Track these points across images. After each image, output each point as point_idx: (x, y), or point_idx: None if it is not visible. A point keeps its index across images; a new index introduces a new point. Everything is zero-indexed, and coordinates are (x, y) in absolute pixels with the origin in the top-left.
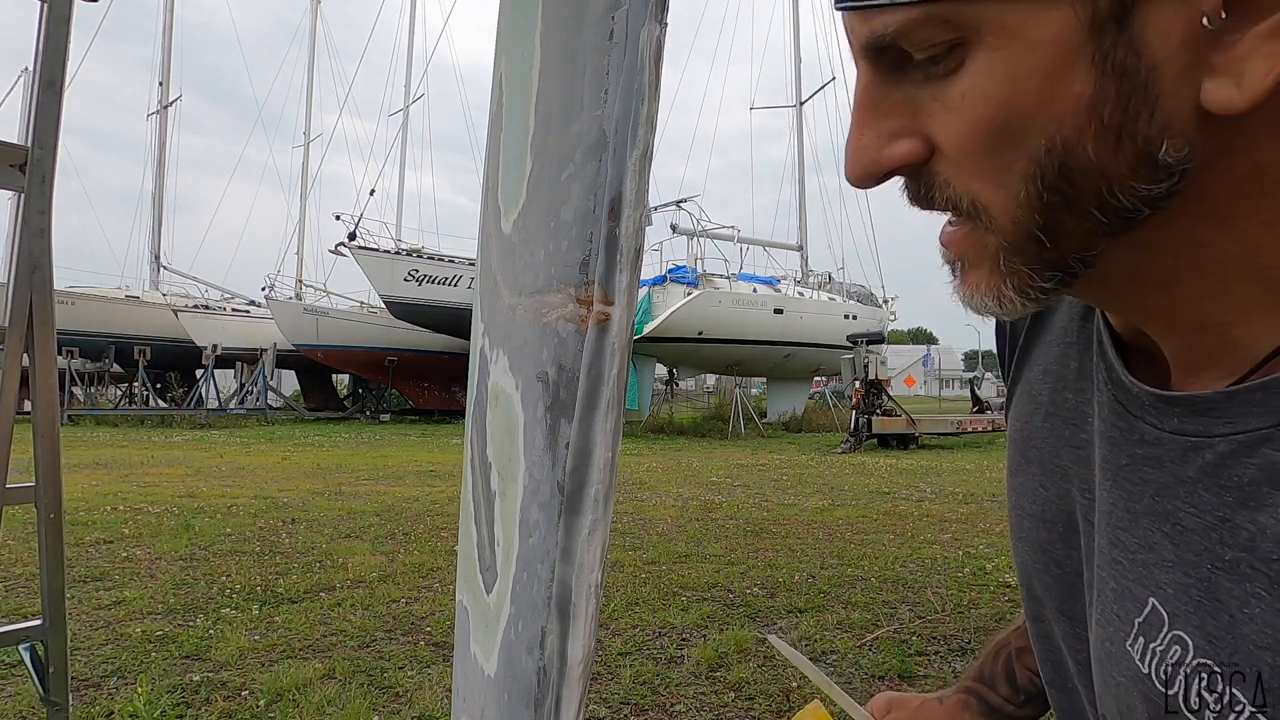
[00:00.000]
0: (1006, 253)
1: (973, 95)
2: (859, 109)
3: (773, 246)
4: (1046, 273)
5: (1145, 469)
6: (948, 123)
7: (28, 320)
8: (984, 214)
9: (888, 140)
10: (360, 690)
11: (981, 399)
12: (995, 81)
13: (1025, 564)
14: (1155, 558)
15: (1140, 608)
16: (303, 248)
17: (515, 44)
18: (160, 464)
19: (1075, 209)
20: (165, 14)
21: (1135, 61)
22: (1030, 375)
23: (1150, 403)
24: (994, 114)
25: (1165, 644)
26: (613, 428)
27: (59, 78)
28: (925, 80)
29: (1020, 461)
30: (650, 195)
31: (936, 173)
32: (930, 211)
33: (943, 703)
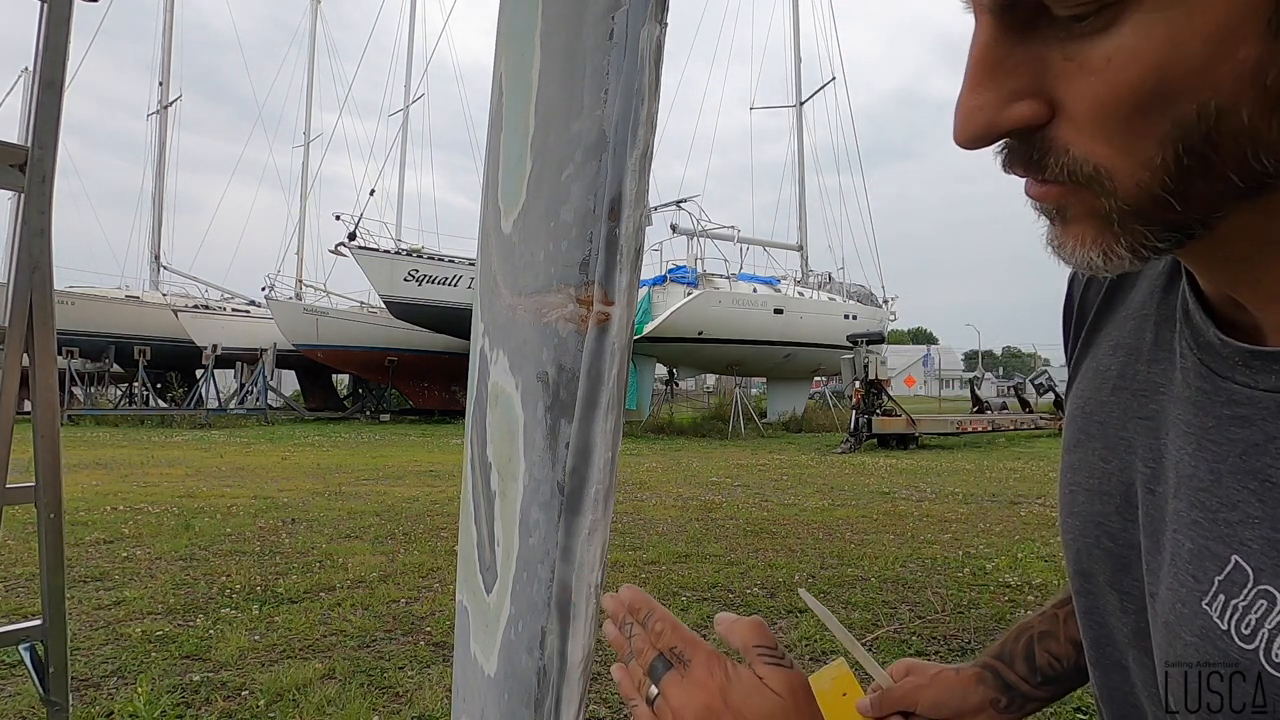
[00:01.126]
0: (1123, 215)
1: (1122, 58)
2: (977, 66)
3: (773, 246)
4: (1165, 233)
5: (1233, 428)
6: (1085, 85)
7: (28, 320)
8: (1107, 179)
9: (1007, 100)
10: (360, 690)
11: (981, 399)
12: (1152, 43)
13: (1075, 538)
14: (1240, 515)
15: (1221, 565)
16: (303, 248)
17: (515, 44)
18: (160, 464)
19: (1212, 173)
20: (165, 14)
21: None
22: (1099, 351)
23: (1244, 361)
24: (1144, 78)
25: (1249, 599)
26: (613, 428)
27: (59, 78)
28: (1060, 39)
29: (1080, 437)
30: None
31: (1054, 138)
32: (1032, 178)
33: (959, 674)
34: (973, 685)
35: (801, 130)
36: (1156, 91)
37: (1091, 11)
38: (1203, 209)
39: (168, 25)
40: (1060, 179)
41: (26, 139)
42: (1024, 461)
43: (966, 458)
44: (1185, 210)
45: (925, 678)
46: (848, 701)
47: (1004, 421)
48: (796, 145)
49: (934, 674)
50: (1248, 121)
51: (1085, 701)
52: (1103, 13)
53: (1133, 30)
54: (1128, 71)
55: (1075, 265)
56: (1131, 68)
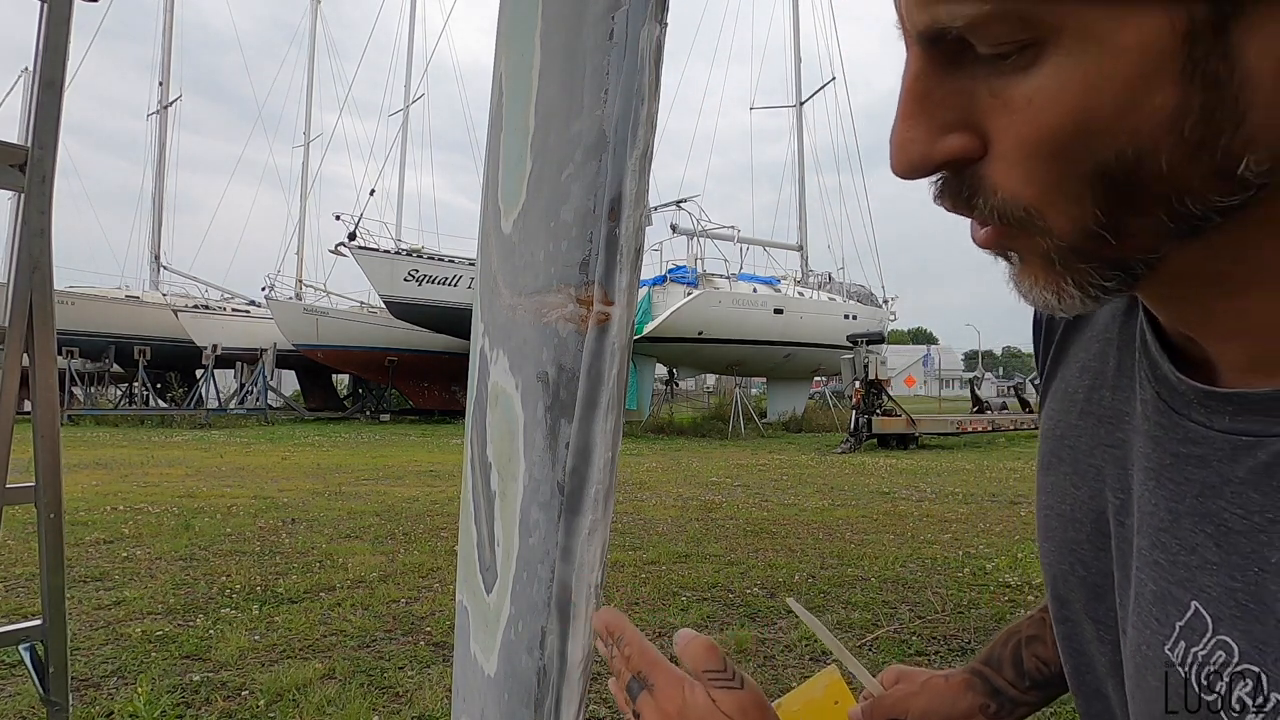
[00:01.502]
0: (1062, 254)
1: (1041, 99)
2: (908, 98)
3: (773, 246)
4: (1109, 271)
5: (1189, 468)
6: (1009, 124)
7: (28, 320)
8: (1039, 219)
9: (939, 133)
10: (360, 690)
11: (981, 399)
12: (1070, 87)
13: (1051, 564)
14: (1198, 559)
15: (1182, 611)
16: (303, 248)
17: (515, 44)
18: (160, 464)
19: (1142, 211)
20: (165, 14)
21: (1228, 74)
22: (1067, 372)
23: (1199, 400)
24: (1062, 121)
25: (1209, 649)
26: (613, 428)
27: (59, 78)
28: (985, 73)
29: (1052, 460)
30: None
31: (984, 176)
32: (963, 215)
33: (948, 680)
34: (961, 691)
35: (801, 130)
36: (1076, 134)
37: (1013, 51)
38: (1140, 247)
39: (168, 25)
40: (991, 220)
41: (26, 139)
42: (1024, 461)
43: (966, 458)
44: (1122, 246)
45: (915, 685)
46: (840, 710)
47: (1004, 421)
48: (796, 145)
49: (923, 681)
50: (1167, 169)
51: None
52: (1024, 52)
53: (1052, 72)
54: (1047, 114)
55: (1035, 305)
56: (1050, 110)
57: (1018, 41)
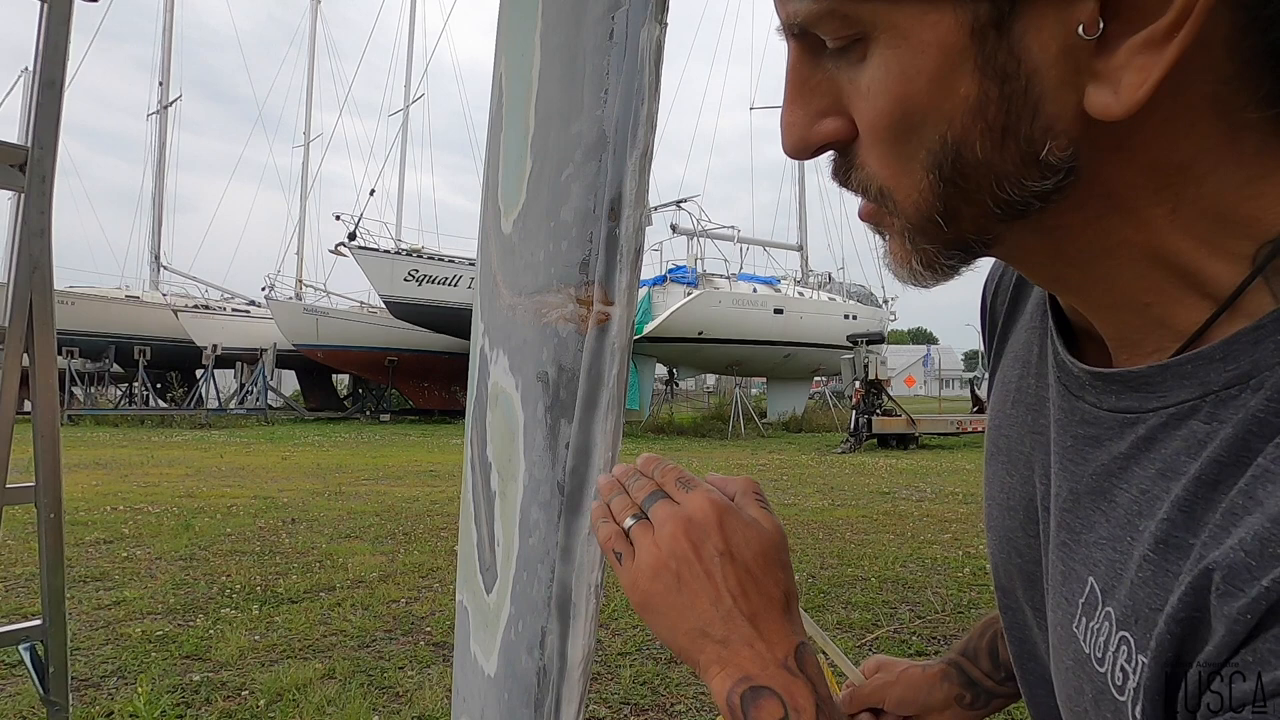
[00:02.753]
0: (911, 233)
1: (874, 88)
2: (789, 85)
3: (773, 246)
4: (949, 250)
5: (1087, 449)
6: (860, 108)
7: (28, 320)
8: (889, 199)
9: (815, 117)
10: (360, 690)
11: (981, 399)
12: (891, 77)
13: (993, 554)
14: (1094, 536)
15: (1081, 588)
16: (303, 248)
17: (515, 44)
18: (160, 464)
19: (970, 198)
20: (165, 14)
21: (1015, 67)
22: (1005, 363)
23: (1089, 381)
24: (892, 108)
25: (1100, 621)
26: (613, 428)
27: (59, 78)
28: (842, 64)
29: (993, 450)
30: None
31: (856, 154)
32: (847, 189)
33: (925, 670)
34: (938, 681)
35: None
36: (904, 120)
37: (848, 44)
38: (974, 230)
39: (168, 25)
40: (862, 194)
41: (26, 139)
42: None
43: (966, 458)
44: (957, 230)
45: (892, 675)
46: None
47: None
48: None
49: (901, 671)
50: (981, 155)
51: None
52: (857, 45)
53: (878, 63)
54: (879, 100)
55: (899, 279)
56: (881, 97)
57: (847, 36)
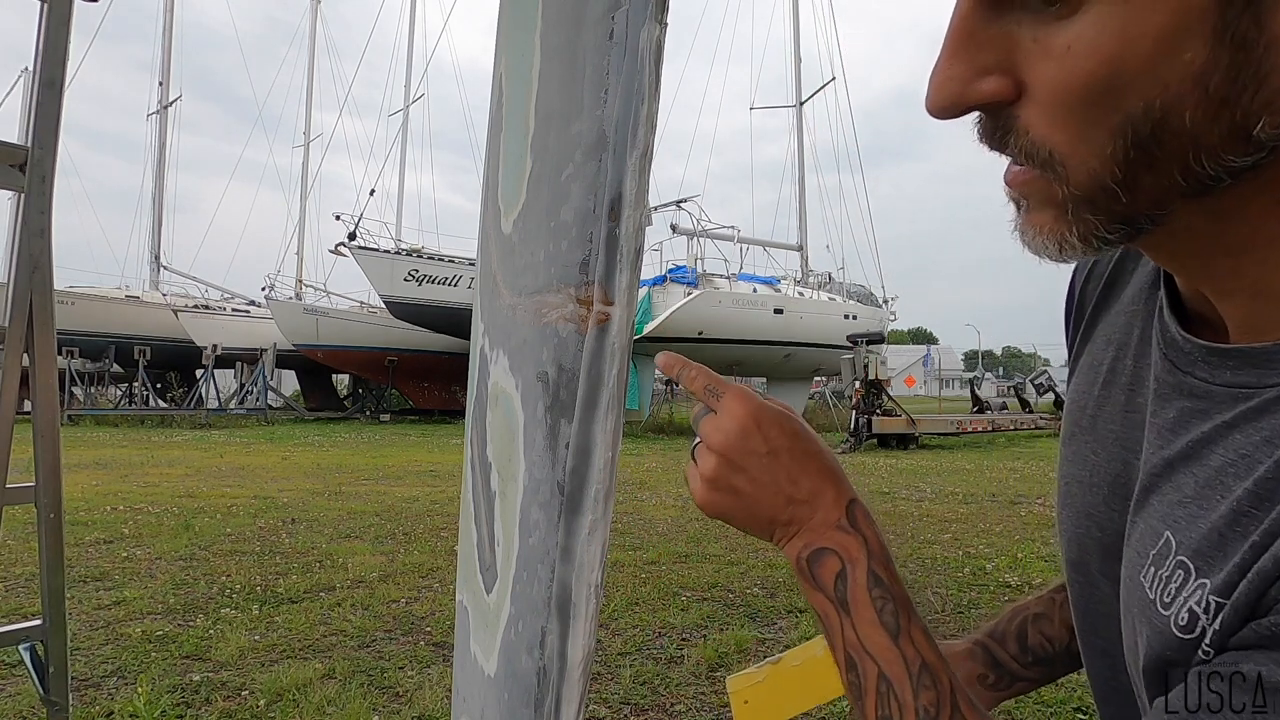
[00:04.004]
0: (1076, 203)
1: (1080, 46)
2: (954, 37)
3: (773, 246)
4: (1114, 225)
5: (1191, 421)
6: (1046, 69)
7: (28, 320)
8: (1060, 165)
9: (978, 74)
10: (360, 690)
11: (981, 399)
12: (1107, 36)
13: (1069, 529)
14: (1178, 496)
15: (1156, 540)
16: (303, 248)
17: (515, 44)
18: (160, 464)
19: (1158, 169)
20: (165, 14)
21: (1256, 35)
22: (1094, 346)
23: (1203, 357)
24: (1097, 69)
25: (1170, 569)
26: (613, 428)
27: (59, 78)
28: (1030, 19)
29: (1075, 430)
30: (650, 195)
31: (1017, 118)
32: (999, 154)
33: (949, 648)
34: (961, 659)
35: (801, 130)
36: (1108, 84)
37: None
38: (1149, 204)
39: (167, 25)
40: (1019, 160)
41: (26, 139)
42: (1024, 461)
43: (966, 458)
44: (1132, 203)
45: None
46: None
47: (1004, 421)
48: (796, 145)
49: None
50: (1189, 124)
51: (1086, 702)
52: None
53: (1093, 20)
54: (1083, 61)
55: (1034, 252)
56: (1087, 58)
57: None
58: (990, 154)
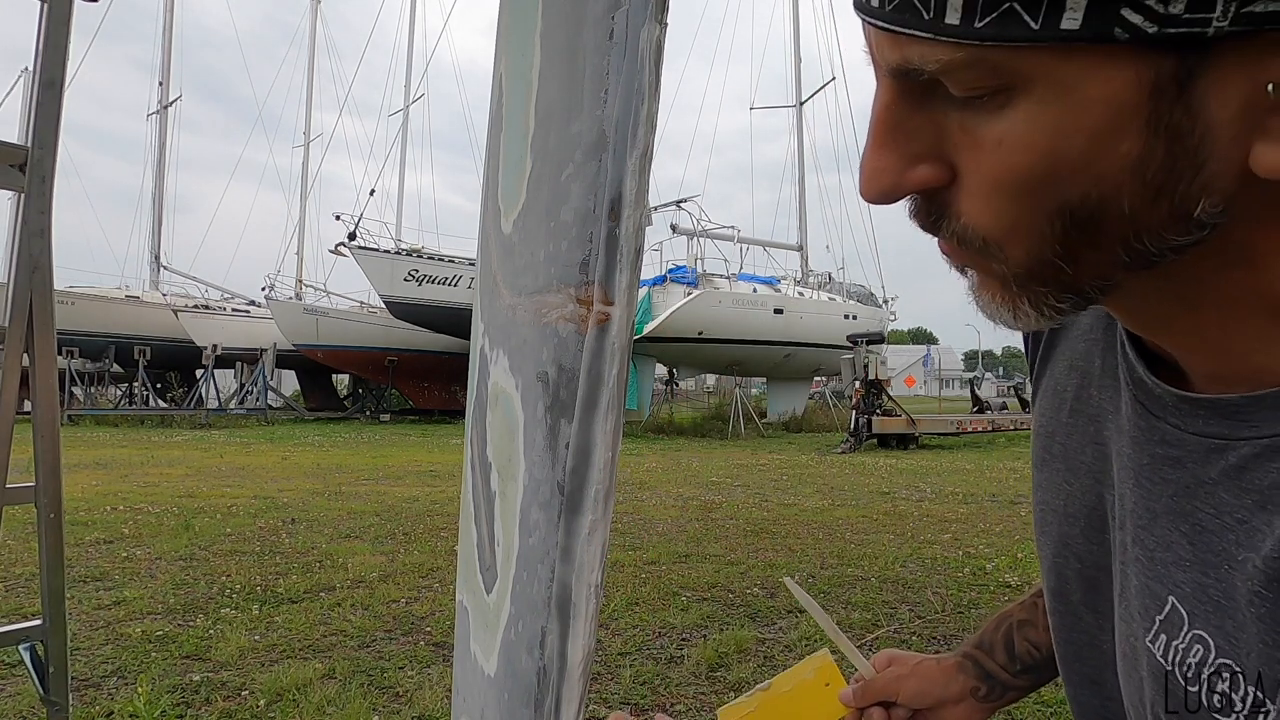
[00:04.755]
0: (1018, 278)
1: (1011, 142)
2: (879, 127)
3: (773, 246)
4: (1063, 294)
5: (1165, 469)
6: (977, 161)
7: (28, 320)
8: (996, 251)
9: (909, 163)
10: (360, 690)
11: (981, 399)
12: (1039, 132)
13: (1048, 558)
14: (1173, 556)
15: (1160, 606)
16: (303, 248)
17: (515, 44)
18: (160, 464)
19: (1099, 246)
20: (165, 14)
21: (1190, 125)
22: (1055, 369)
23: (1174, 404)
24: (1031, 163)
25: (1187, 642)
26: (613, 428)
27: (59, 78)
28: (957, 111)
29: (1045, 457)
30: (650, 195)
31: (950, 202)
32: (931, 236)
33: (940, 663)
34: (953, 674)
35: (801, 130)
36: (1044, 177)
37: (985, 94)
38: (1095, 276)
39: (167, 25)
40: (952, 243)
41: (26, 139)
42: (1024, 461)
43: (966, 458)
44: (1077, 274)
45: (906, 668)
46: (830, 691)
47: (1004, 421)
48: (796, 145)
49: (915, 664)
50: (1128, 211)
51: None
52: (995, 96)
53: (1022, 117)
54: (1016, 156)
55: (991, 319)
56: (1019, 153)
57: (989, 87)
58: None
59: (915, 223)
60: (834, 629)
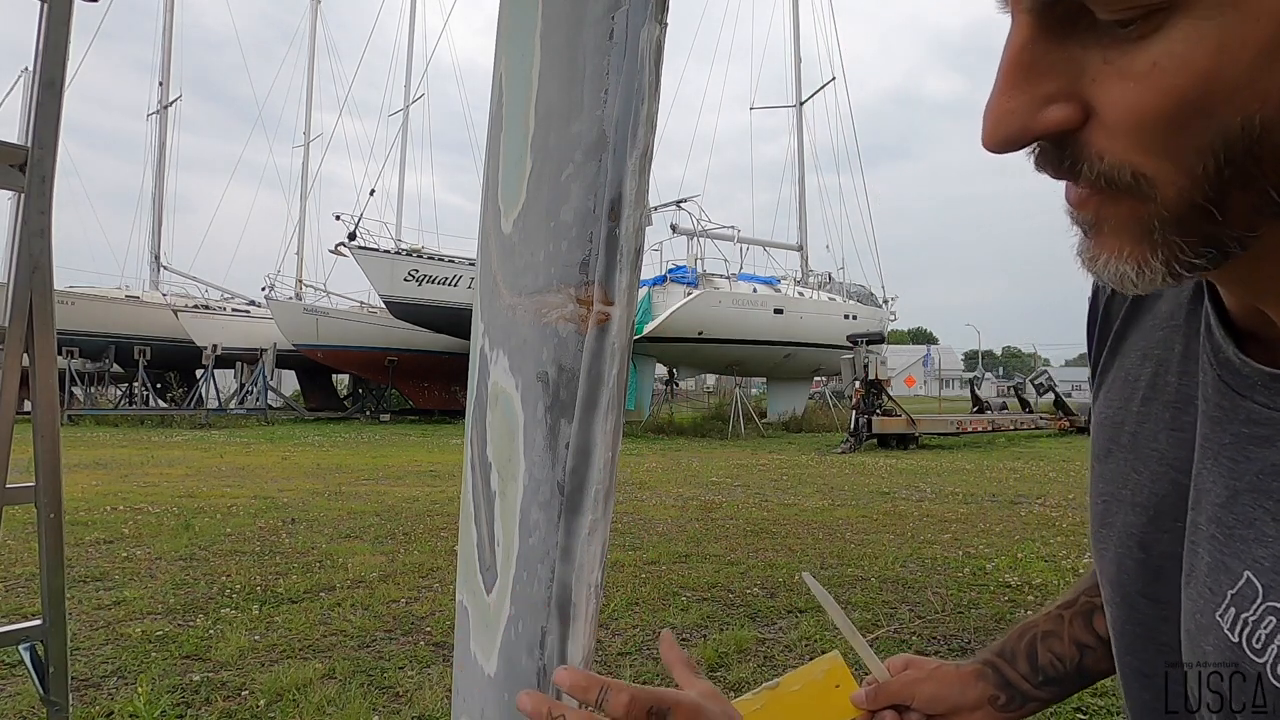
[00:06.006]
0: (1164, 224)
1: (1168, 64)
2: (1011, 67)
3: (773, 246)
4: (1202, 248)
5: (1251, 447)
6: (1124, 91)
7: (28, 320)
8: (1147, 186)
9: (1041, 104)
10: (360, 690)
11: (981, 399)
12: (1201, 51)
13: (1110, 550)
14: (1255, 533)
15: (1234, 580)
16: (303, 248)
17: (515, 44)
18: (160, 464)
19: (1252, 186)
20: (165, 14)
21: None
22: (1126, 360)
23: (1263, 382)
24: (1190, 86)
25: (1259, 614)
26: (613, 428)
27: (59, 78)
28: (1101, 42)
29: (1110, 447)
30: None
31: (1087, 143)
32: (1067, 181)
33: (959, 670)
34: (972, 681)
35: (801, 130)
36: (1201, 100)
37: (1138, 16)
38: (1242, 224)
39: (167, 25)
40: (1096, 185)
41: (26, 139)
42: (1024, 461)
43: (966, 458)
44: (1225, 222)
45: (923, 672)
46: (841, 693)
47: (1004, 421)
48: (796, 145)
49: (932, 669)
50: None
51: (1085, 701)
52: (1151, 17)
53: (1182, 36)
54: (1174, 79)
55: (1107, 279)
56: (1178, 75)
57: (1146, 6)
58: (1054, 181)
59: (1045, 171)
60: (850, 628)
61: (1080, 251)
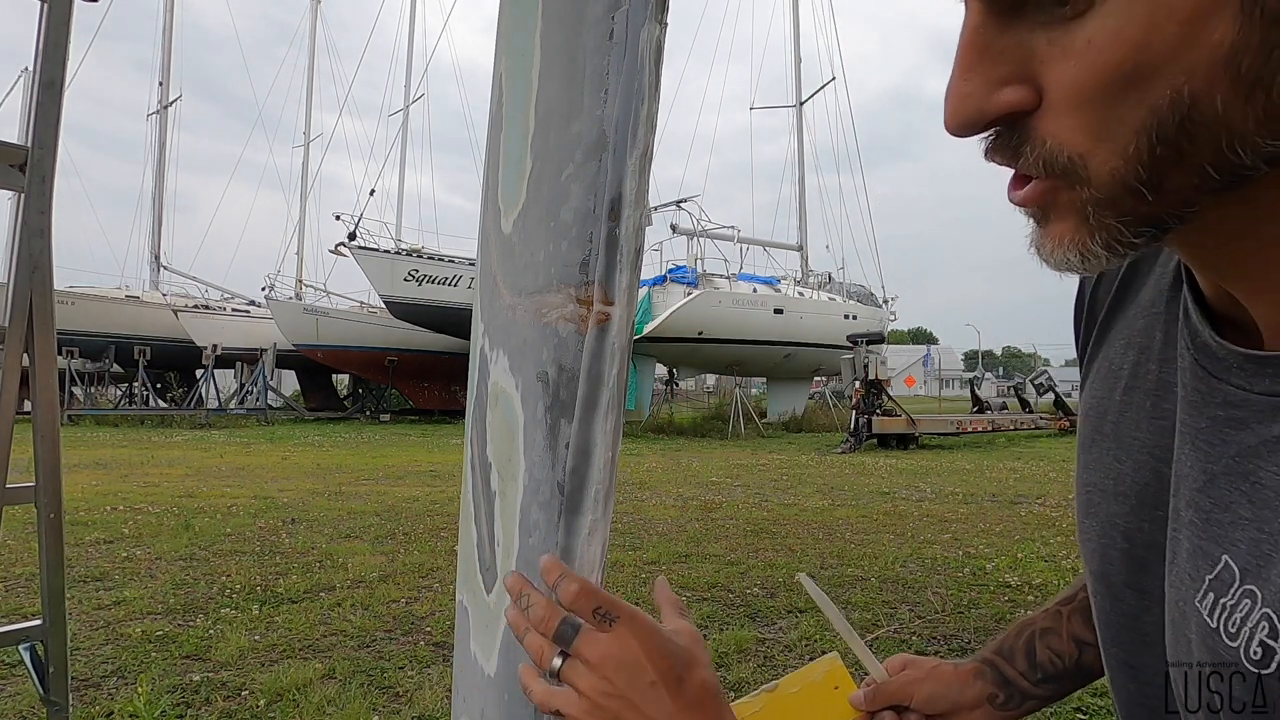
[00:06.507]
0: (1097, 206)
1: (1101, 39)
2: (966, 51)
3: (773, 246)
4: (1139, 227)
5: (1227, 430)
6: (1065, 70)
7: (28, 320)
8: (1080, 169)
9: (995, 87)
10: (360, 690)
11: (981, 399)
12: (1130, 23)
13: (1093, 540)
14: (1231, 516)
15: (1212, 565)
16: (303, 248)
17: (515, 44)
18: (160, 464)
19: (1186, 164)
20: (165, 14)
21: None
22: (1111, 349)
23: (1238, 364)
24: (1122, 58)
25: (1235, 598)
26: (613, 428)
27: (59, 78)
28: (1045, 23)
29: (1094, 437)
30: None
31: (1035, 127)
32: (1009, 167)
33: (958, 669)
34: (970, 680)
35: (801, 130)
36: (1133, 74)
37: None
38: (1176, 202)
39: (167, 25)
40: (1036, 171)
41: (26, 139)
42: (1024, 461)
43: (966, 458)
44: (1158, 202)
45: (922, 671)
46: (840, 694)
47: (1004, 421)
48: (796, 145)
49: (931, 668)
50: (1221, 110)
51: (1085, 701)
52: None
53: (1112, 10)
54: (1107, 53)
55: (1054, 266)
56: (1110, 49)
57: None
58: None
59: (995, 159)
60: (848, 629)
61: (1031, 242)
